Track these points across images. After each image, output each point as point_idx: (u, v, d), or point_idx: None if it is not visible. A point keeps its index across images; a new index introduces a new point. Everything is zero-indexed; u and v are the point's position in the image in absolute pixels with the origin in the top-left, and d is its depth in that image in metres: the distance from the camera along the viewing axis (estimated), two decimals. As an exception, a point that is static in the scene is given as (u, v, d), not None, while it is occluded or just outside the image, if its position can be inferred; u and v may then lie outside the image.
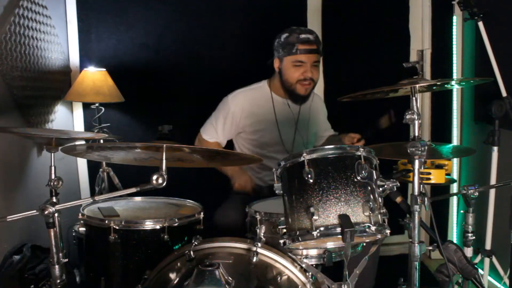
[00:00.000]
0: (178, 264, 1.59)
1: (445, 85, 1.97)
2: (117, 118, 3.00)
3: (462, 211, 2.15)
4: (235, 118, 2.44)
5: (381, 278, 2.18)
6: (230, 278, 1.43)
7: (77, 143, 1.67)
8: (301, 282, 1.56)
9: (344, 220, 1.38)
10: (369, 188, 1.45)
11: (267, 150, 2.47)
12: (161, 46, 3.02)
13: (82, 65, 2.89)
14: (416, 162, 1.49)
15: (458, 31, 3.11)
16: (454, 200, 3.23)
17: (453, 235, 3.25)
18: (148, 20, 2.98)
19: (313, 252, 1.63)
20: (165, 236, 1.83)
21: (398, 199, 1.73)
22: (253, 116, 2.45)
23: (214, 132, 2.48)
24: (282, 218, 1.53)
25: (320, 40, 2.39)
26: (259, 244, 1.57)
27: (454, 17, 3.09)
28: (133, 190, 1.39)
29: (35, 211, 1.40)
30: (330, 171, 1.45)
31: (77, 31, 2.91)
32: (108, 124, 2.85)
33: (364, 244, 1.73)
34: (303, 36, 2.31)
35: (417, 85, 1.52)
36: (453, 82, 1.97)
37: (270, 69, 2.48)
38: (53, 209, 1.39)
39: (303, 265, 1.58)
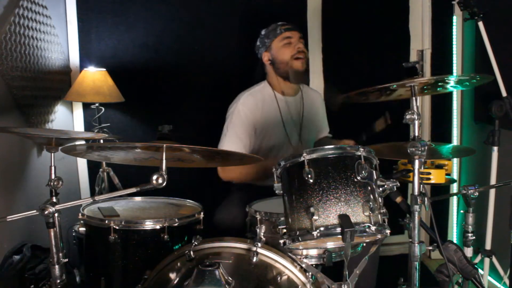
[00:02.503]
0: (178, 264, 1.59)
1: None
2: (117, 118, 3.00)
3: (462, 211, 2.15)
4: (252, 121, 2.37)
5: (381, 278, 2.18)
6: (230, 278, 1.43)
7: (77, 143, 1.67)
8: (301, 282, 1.56)
9: (344, 220, 1.38)
10: (369, 188, 1.45)
11: (273, 152, 2.44)
12: (161, 46, 3.02)
13: (82, 65, 2.89)
14: (416, 162, 1.49)
15: (458, 31, 3.11)
16: (454, 200, 3.23)
17: (453, 235, 3.25)
18: (148, 20, 2.99)
19: (313, 252, 1.63)
20: (165, 236, 1.83)
21: (398, 199, 1.73)
22: (262, 117, 2.41)
23: (240, 143, 2.33)
24: (282, 218, 1.53)
25: None
26: (259, 244, 1.57)
27: (454, 17, 3.09)
28: (133, 190, 1.39)
29: (35, 211, 1.41)
30: (330, 171, 1.45)
31: (77, 31, 2.91)
32: (108, 124, 2.85)
33: (364, 244, 1.73)
34: (280, 22, 2.46)
35: (416, 86, 1.52)
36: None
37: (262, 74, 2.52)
38: (53, 209, 1.39)
39: (303, 265, 1.58)
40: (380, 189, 1.45)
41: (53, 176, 1.50)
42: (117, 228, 1.82)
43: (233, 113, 2.38)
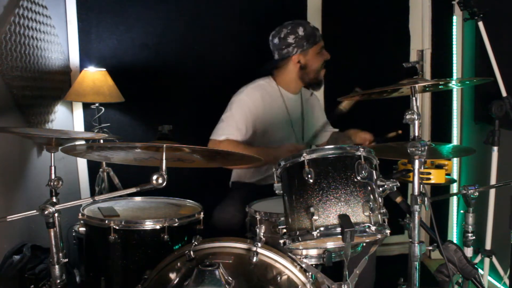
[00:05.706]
0: (178, 264, 1.59)
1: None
2: (117, 118, 3.00)
3: (462, 211, 2.15)
4: (254, 115, 2.34)
5: (381, 278, 2.18)
6: (230, 278, 1.43)
7: (77, 143, 1.67)
8: (301, 282, 1.56)
9: (344, 220, 1.38)
10: (369, 188, 1.45)
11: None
12: (161, 46, 3.02)
13: (82, 65, 2.89)
14: (416, 162, 1.49)
15: (458, 31, 3.11)
16: (454, 200, 3.23)
17: (453, 235, 3.25)
18: (148, 20, 2.99)
19: (313, 252, 1.63)
20: (165, 236, 1.83)
21: (398, 199, 1.73)
22: (265, 113, 2.39)
23: (236, 129, 2.29)
24: (282, 218, 1.53)
25: None
26: (259, 244, 1.57)
27: (454, 17, 3.09)
28: (133, 190, 1.39)
29: (35, 211, 1.41)
30: (330, 171, 1.45)
31: (77, 31, 2.91)
32: (108, 124, 2.85)
33: (364, 244, 1.73)
34: (311, 24, 2.43)
35: (417, 85, 1.52)
36: (453, 82, 1.97)
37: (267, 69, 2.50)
38: (53, 209, 1.39)
39: (303, 265, 1.58)
40: (380, 189, 1.45)
41: (53, 176, 1.50)
42: (117, 228, 1.82)
43: (235, 102, 2.36)
